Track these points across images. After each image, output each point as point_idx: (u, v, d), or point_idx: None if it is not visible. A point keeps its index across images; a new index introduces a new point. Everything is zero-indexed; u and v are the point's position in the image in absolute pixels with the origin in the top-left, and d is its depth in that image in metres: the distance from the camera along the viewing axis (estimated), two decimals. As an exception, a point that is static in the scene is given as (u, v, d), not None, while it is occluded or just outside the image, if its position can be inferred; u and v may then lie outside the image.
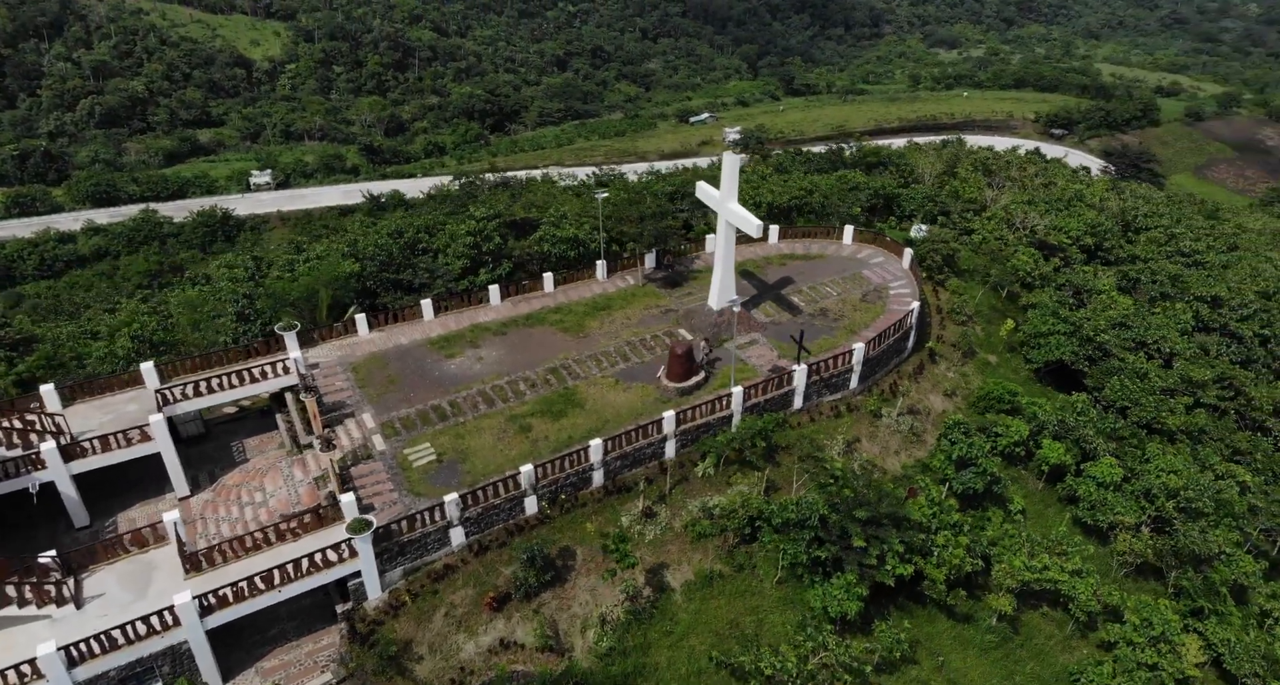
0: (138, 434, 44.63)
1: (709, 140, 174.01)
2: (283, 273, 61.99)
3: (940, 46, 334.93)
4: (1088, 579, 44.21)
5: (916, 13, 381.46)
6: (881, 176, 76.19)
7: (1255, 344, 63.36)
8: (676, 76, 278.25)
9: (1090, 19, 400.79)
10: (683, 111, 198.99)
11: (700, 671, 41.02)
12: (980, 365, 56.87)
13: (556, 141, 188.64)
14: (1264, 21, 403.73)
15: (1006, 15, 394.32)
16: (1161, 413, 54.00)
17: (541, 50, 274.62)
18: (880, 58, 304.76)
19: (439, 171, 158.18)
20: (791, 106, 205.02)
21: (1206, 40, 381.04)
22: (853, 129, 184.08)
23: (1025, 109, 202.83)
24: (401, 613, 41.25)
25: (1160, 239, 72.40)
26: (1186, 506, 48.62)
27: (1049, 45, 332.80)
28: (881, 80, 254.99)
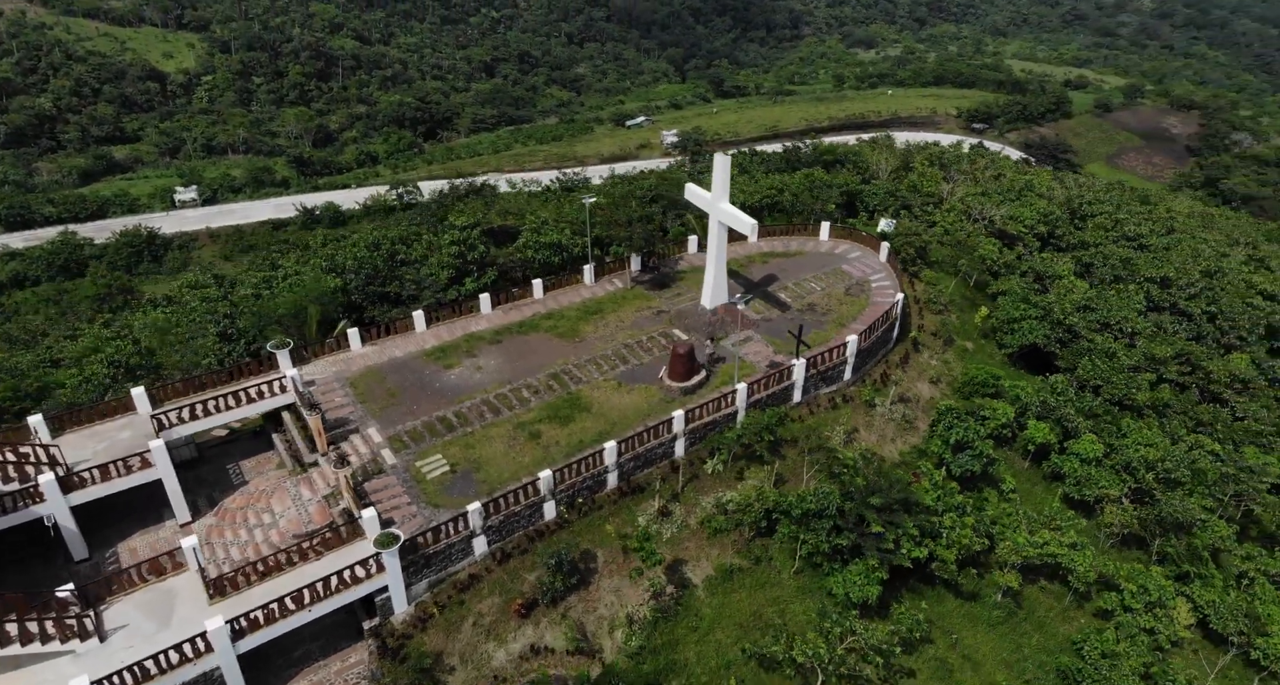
0: (138, 461, 43.96)
1: (647, 143, 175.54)
2: (259, 290, 61.20)
3: (859, 46, 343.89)
4: (1084, 551, 46.72)
5: (834, 14, 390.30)
6: (840, 173, 78.47)
7: (1204, 321, 67.39)
8: (606, 81, 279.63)
9: (996, 17, 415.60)
10: (618, 115, 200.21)
11: (729, 664, 42.14)
12: (959, 352, 59.37)
13: (493, 147, 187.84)
14: (1157, 15, 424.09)
15: (918, 15, 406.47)
16: (1131, 390, 57.17)
17: (468, 56, 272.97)
18: (803, 59, 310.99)
19: (374, 181, 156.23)
20: (724, 108, 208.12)
21: (1105, 35, 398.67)
22: (785, 129, 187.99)
23: (947, 105, 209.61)
24: (430, 625, 41.45)
25: (1107, 225, 76.34)
26: (1165, 477, 51.69)
27: (960, 43, 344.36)
28: (807, 81, 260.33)
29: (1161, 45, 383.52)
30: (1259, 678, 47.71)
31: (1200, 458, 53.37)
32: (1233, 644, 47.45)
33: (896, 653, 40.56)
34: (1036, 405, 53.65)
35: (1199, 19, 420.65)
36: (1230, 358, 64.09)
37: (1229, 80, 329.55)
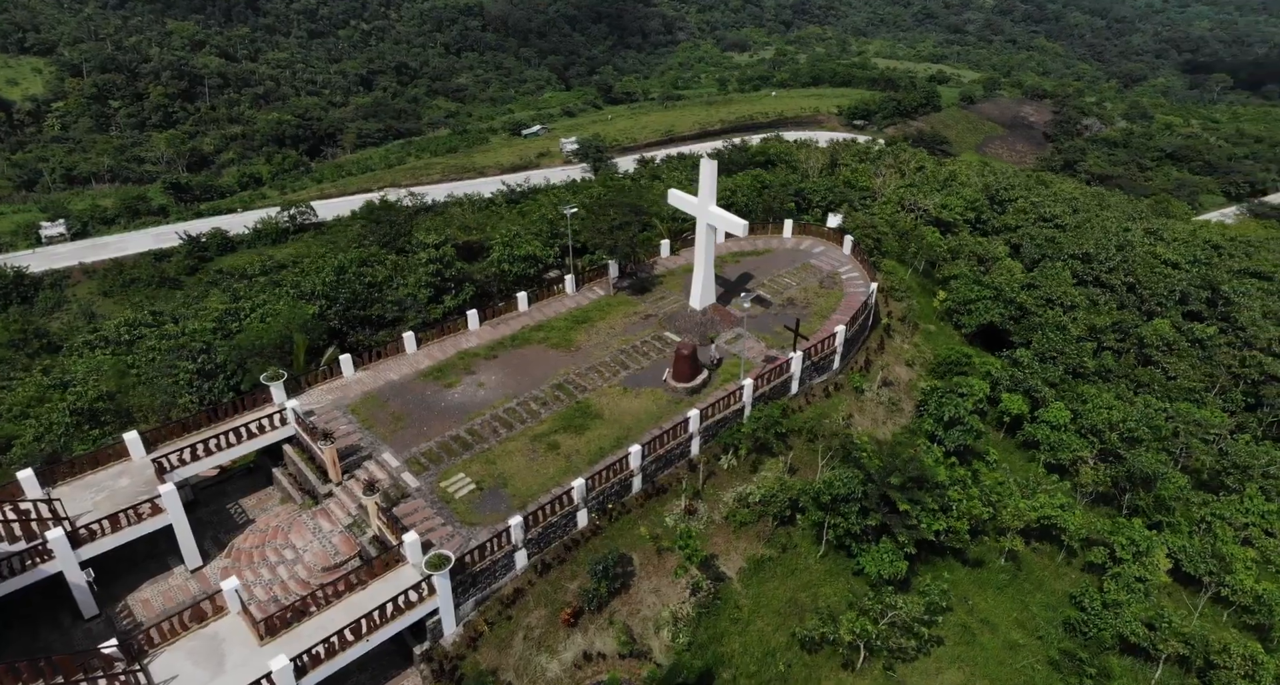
0: (148, 508, 42.60)
1: (546, 152, 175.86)
2: (222, 323, 59.37)
3: (733, 50, 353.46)
4: (1074, 511, 50.61)
5: (705, 19, 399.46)
6: (780, 173, 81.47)
7: (1124, 291, 73.39)
8: (490, 90, 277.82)
9: (856, 18, 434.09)
10: (512, 124, 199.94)
11: (773, 652, 43.89)
12: (925, 335, 62.92)
13: (385, 162, 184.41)
14: (998, 12, 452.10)
15: (784, 18, 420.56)
16: (1082, 359, 61.96)
17: (343, 70, 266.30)
18: (682, 64, 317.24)
19: (261, 204, 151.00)
20: (618, 114, 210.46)
21: (955, 31, 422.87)
22: (680, 133, 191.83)
23: (828, 104, 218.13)
24: (481, 643, 41.63)
25: (1025, 208, 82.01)
26: (1128, 436, 56.35)
27: (826, 44, 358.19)
28: (690, 85, 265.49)
29: (1006, 39, 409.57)
30: (1227, 613, 52.65)
31: (1156, 415, 58.46)
32: (1204, 585, 52.24)
33: (939, 621, 43.09)
34: (1007, 379, 57.56)
35: (1035, 13, 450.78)
36: (1154, 323, 70.11)
37: (1068, 70, 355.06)
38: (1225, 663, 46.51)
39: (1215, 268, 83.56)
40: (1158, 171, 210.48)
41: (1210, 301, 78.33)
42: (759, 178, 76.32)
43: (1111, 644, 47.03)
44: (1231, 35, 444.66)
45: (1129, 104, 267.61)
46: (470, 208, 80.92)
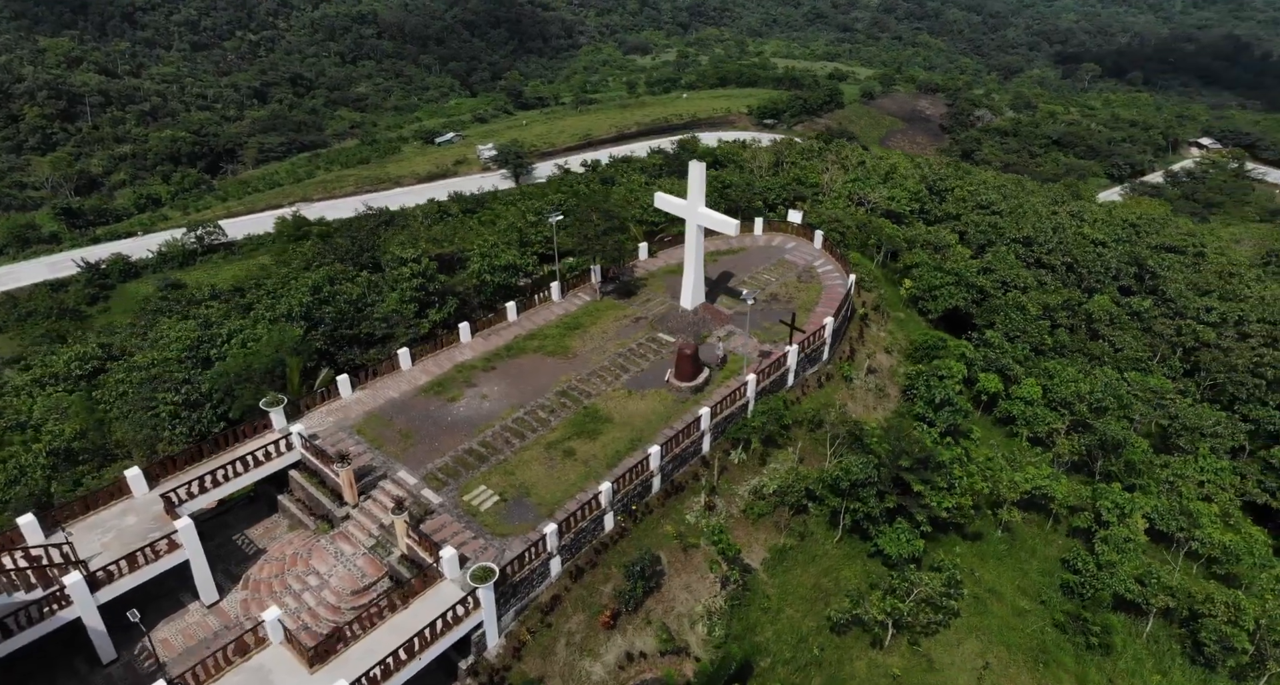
0: (165, 545, 41.59)
1: (463, 159, 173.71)
2: (194, 352, 57.71)
3: (635, 53, 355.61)
4: (1060, 480, 53.79)
5: (605, 23, 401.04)
6: (734, 172, 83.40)
7: (1064, 271, 77.93)
8: (391, 99, 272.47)
9: (750, 19, 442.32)
10: (423, 132, 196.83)
11: (805, 637, 45.56)
12: (896, 323, 65.61)
13: (292, 176, 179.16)
14: (882, 10, 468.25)
15: (681, 20, 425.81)
16: (1043, 336, 65.68)
17: (234, 83, 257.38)
18: (587, 67, 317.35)
19: (164, 226, 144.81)
20: (532, 119, 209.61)
21: (844, 30, 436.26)
22: (599, 136, 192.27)
23: (738, 104, 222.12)
24: (524, 653, 41.97)
25: (964, 196, 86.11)
26: (1096, 405, 60.06)
27: (725, 45, 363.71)
28: (599, 88, 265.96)
29: (892, 36, 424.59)
30: (1196, 566, 56.76)
31: (1118, 385, 62.49)
32: (1176, 541, 56.19)
33: (966, 594, 45.38)
34: (980, 360, 60.65)
35: (917, 11, 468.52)
36: (1096, 299, 74.72)
37: (951, 64, 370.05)
38: (1210, 611, 50.26)
39: (1137, 244, 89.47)
40: (1046, 158, 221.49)
41: (1138, 276, 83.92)
42: (720, 178, 78.08)
43: (1108, 602, 50.26)
44: (1095, 26, 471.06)
45: (1014, 95, 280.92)
46: (426, 219, 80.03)
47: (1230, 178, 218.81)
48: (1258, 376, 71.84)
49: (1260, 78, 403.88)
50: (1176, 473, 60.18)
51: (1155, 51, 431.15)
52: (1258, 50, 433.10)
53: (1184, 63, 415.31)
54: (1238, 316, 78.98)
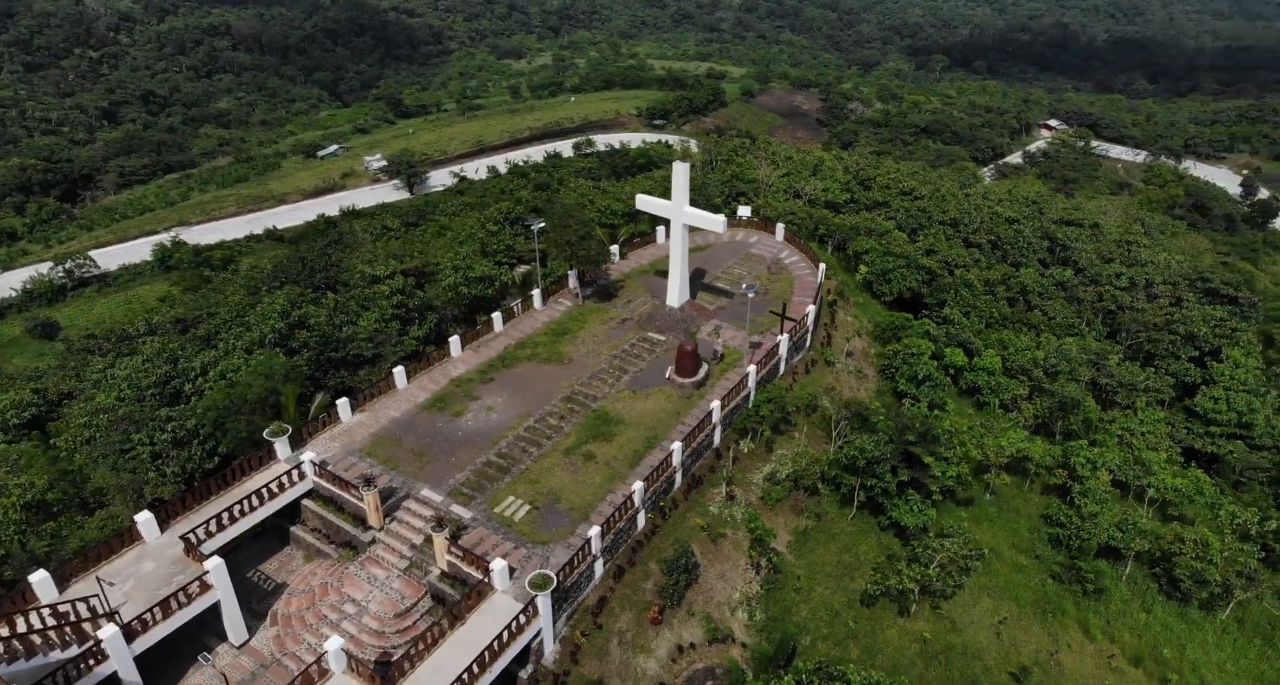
0: (197, 587, 40.02)
1: (351, 172, 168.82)
2: (162, 388, 55.07)
3: (509, 57, 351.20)
4: (1037, 442, 57.17)
5: (474, 28, 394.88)
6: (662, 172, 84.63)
7: (989, 248, 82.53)
8: (256, 113, 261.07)
9: (619, 22, 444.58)
10: (300, 146, 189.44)
11: (837, 612, 47.09)
12: (858, 307, 68.09)
13: (164, 200, 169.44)
14: (745, 10, 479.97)
15: (551, 24, 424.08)
16: (992, 310, 69.46)
17: (80, 104, 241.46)
18: (462, 74, 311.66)
19: (23, 261, 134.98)
20: (418, 127, 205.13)
21: (711, 30, 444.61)
22: (491, 142, 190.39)
23: (626, 106, 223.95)
24: (580, 656, 41.94)
25: (888, 184, 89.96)
26: (1050, 370, 63.96)
27: (599, 48, 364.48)
28: (480, 94, 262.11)
29: (757, 35, 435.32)
30: (1152, 510, 61.26)
31: (1070, 349, 66.72)
32: (1133, 488, 60.51)
33: (984, 555, 47.80)
34: (943, 336, 63.72)
35: (777, 9, 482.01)
36: (1024, 272, 79.45)
37: (814, 60, 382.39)
38: (1180, 550, 54.39)
39: (1042, 220, 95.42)
40: (917, 145, 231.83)
41: (1050, 249, 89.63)
42: (669, 178, 78.89)
43: (1094, 550, 53.81)
44: (939, 19, 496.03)
45: (879, 87, 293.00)
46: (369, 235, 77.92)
47: (1080, 155, 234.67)
48: (1171, 333, 77.97)
49: (1087, 62, 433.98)
50: (1124, 427, 64.77)
51: (995, 42, 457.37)
52: (1083, 37, 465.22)
53: (1021, 51, 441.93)
54: (1145, 280, 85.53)
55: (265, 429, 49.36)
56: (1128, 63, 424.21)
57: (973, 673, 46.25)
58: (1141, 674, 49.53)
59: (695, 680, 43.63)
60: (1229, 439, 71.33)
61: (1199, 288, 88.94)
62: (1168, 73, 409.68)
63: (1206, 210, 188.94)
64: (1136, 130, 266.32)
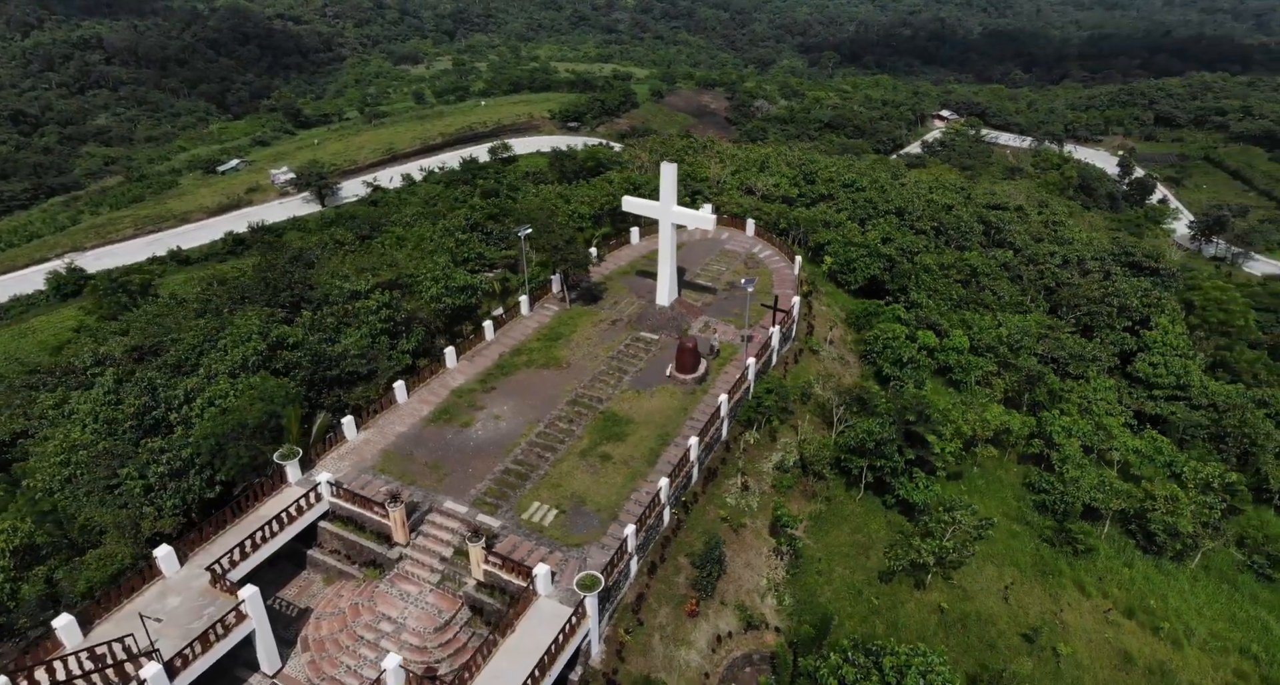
0: (233, 617, 39.00)
1: (256, 186, 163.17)
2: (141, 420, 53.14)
3: (406, 63, 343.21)
4: (1015, 415, 60.00)
5: (365, 34, 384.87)
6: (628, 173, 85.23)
7: (933, 234, 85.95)
8: (140, 129, 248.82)
9: (515, 25, 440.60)
10: (201, 162, 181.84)
11: (859, 590, 48.56)
12: (828, 296, 70.05)
13: (52, 225, 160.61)
14: (640, 11, 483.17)
15: (445, 28, 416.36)
16: (951, 292, 72.42)
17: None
18: (358, 81, 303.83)
19: None
20: (323, 137, 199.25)
21: (609, 31, 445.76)
22: (403, 150, 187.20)
23: (538, 109, 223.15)
24: (625, 654, 42.35)
25: (830, 177, 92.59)
26: (1014, 346, 67.14)
27: (499, 52, 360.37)
28: (382, 101, 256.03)
29: (654, 36, 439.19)
30: (1115, 469, 64.96)
31: (1031, 326, 70.12)
32: (1097, 452, 64.05)
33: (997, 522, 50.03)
34: (913, 320, 66.21)
35: (672, 10, 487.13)
36: (968, 255, 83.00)
37: (712, 60, 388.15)
38: (1153, 507, 57.98)
39: (973, 205, 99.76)
40: (822, 139, 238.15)
41: (986, 232, 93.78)
42: (630, 179, 79.68)
43: (1078, 512, 56.88)
44: (827, 17, 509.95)
45: (780, 84, 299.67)
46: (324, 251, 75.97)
47: (973, 143, 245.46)
48: (1107, 305, 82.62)
49: (965, 54, 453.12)
50: (1082, 395, 68.48)
51: (880, 37, 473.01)
52: (960, 30, 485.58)
53: (904, 46, 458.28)
54: (1077, 257, 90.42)
55: (268, 454, 48.20)
56: (1002, 54, 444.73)
57: (989, 637, 48.36)
58: (1135, 625, 52.59)
59: (735, 667, 44.48)
60: (1170, 401, 76.09)
61: (1124, 261, 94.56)
62: (1039, 62, 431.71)
63: (1092, 190, 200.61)
64: (1020, 117, 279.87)
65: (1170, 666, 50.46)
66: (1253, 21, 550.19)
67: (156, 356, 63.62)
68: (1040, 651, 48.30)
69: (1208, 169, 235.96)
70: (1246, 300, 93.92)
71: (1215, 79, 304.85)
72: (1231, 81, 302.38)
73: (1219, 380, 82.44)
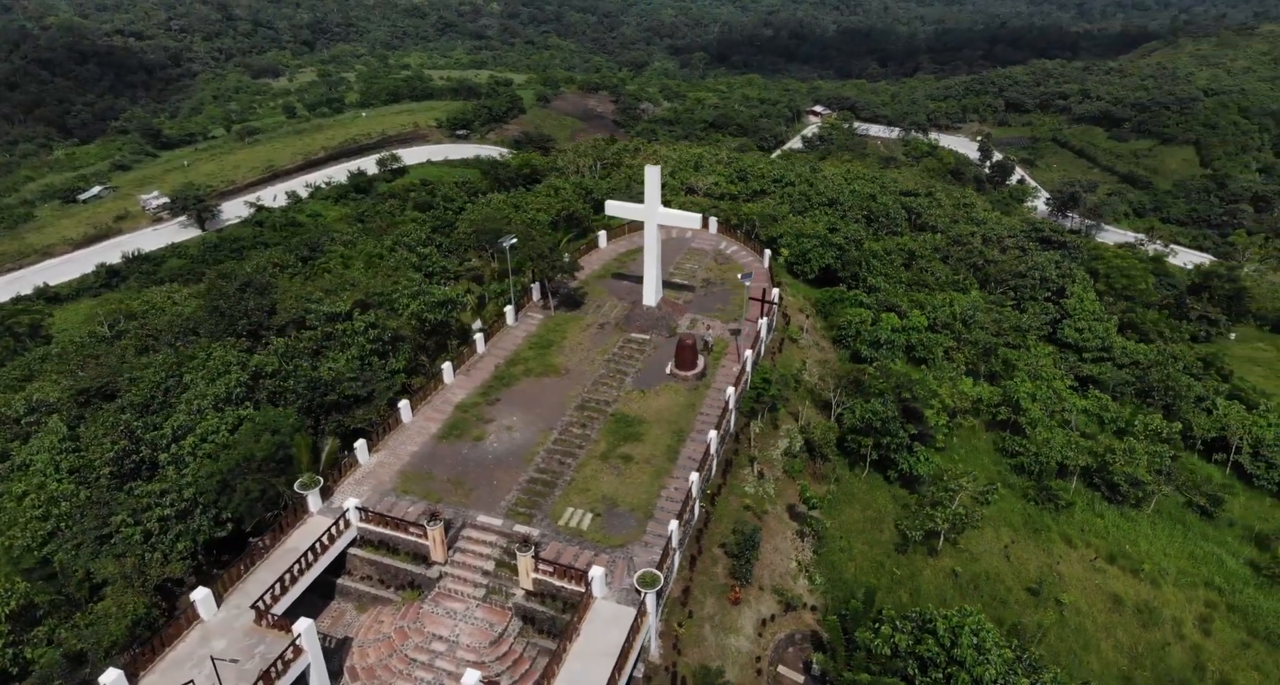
0: (291, 652, 38.04)
1: (125, 214, 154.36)
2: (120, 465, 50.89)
3: (266, 76, 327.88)
4: (983, 386, 63.54)
5: (216, 47, 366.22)
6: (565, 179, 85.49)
7: (865, 222, 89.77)
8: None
9: (378, 33, 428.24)
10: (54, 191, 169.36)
11: (880, 563, 50.68)
12: (790, 286, 72.25)
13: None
14: (507, 16, 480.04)
15: (304, 38, 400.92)
16: (899, 275, 75.90)
17: None
18: (216, 97, 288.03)
19: None
20: (193, 158, 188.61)
21: (478, 37, 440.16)
22: (283, 166, 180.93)
23: (423, 118, 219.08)
24: (681, 646, 43.06)
25: (765, 174, 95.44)
26: (966, 320, 70.99)
27: (365, 61, 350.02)
28: (248, 118, 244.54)
29: (525, 41, 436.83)
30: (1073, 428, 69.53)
31: (979, 302, 74.18)
32: (1052, 413, 68.49)
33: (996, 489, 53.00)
34: (874, 303, 69.20)
35: (539, 14, 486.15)
36: (901, 239, 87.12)
37: (586, 63, 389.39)
38: (1113, 459, 62.45)
39: (888, 193, 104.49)
40: (709, 139, 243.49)
41: (909, 218, 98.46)
42: (583, 185, 79.92)
43: (1054, 471, 60.79)
44: (692, 19, 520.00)
45: (662, 86, 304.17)
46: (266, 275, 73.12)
47: (848, 136, 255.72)
48: (1030, 278, 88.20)
49: (825, 52, 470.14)
50: (1029, 363, 73.07)
51: (744, 37, 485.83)
52: (817, 29, 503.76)
53: (768, 45, 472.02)
54: (995, 236, 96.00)
55: (279, 486, 46.81)
56: (857, 50, 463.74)
57: (1000, 594, 51.24)
58: (1117, 569, 56.58)
59: (780, 648, 45.78)
60: (1097, 362, 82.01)
61: (1034, 237, 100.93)
62: (893, 57, 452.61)
63: (961, 175, 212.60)
64: (887, 109, 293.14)
65: (1154, 603, 54.61)
66: (1074, 10, 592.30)
67: (110, 399, 60.51)
68: (1045, 603, 51.51)
69: (1056, 149, 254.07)
70: (1144, 266, 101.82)
71: (1055, 66, 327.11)
72: (1069, 67, 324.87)
73: (1129, 340, 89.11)
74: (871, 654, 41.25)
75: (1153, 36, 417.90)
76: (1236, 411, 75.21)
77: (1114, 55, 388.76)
